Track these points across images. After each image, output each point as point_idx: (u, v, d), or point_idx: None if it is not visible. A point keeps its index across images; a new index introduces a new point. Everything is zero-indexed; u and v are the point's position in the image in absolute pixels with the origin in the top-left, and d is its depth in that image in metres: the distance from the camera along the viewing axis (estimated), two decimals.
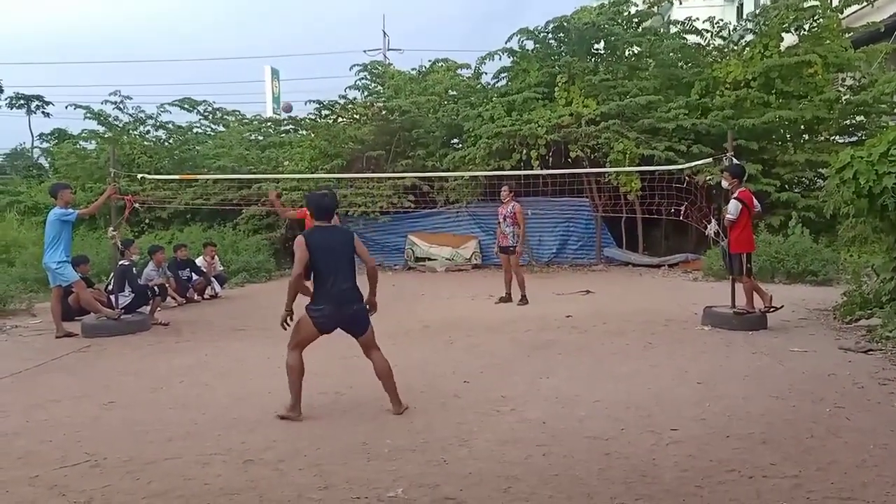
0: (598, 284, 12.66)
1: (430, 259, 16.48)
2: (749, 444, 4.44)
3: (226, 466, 4.28)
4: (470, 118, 16.61)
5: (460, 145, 17.50)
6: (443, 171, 16.24)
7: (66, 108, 19.93)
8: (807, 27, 16.21)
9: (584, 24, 16.33)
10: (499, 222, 11.02)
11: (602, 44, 17.61)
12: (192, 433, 4.91)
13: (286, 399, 5.30)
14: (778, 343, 7.43)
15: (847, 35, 16.80)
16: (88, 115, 19.65)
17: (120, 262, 9.66)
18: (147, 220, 17.71)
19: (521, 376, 6.32)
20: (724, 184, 8.62)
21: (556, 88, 16.30)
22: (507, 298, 10.86)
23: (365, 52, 34.25)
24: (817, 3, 16.16)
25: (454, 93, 18.72)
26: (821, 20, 16.12)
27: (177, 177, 16.52)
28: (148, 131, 20.54)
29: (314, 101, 18.75)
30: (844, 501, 3.61)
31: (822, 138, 16.18)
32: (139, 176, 14.67)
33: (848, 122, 16.43)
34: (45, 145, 24.20)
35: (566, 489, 3.85)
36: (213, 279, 12.56)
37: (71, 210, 8.84)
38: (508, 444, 4.55)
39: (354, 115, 18.68)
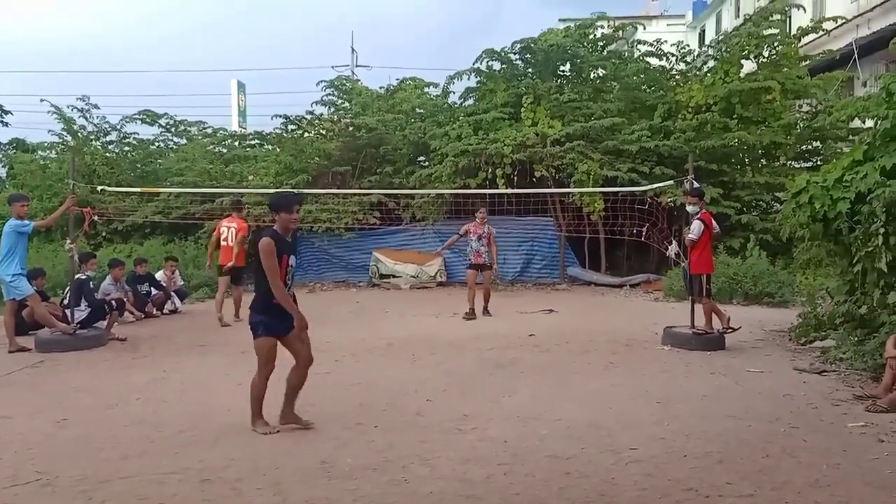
0: (562, 304, 12.75)
1: (394, 276, 16.44)
2: (706, 464, 4.50)
3: (182, 485, 4.20)
4: (437, 136, 16.69)
5: (427, 163, 17.57)
6: (409, 188, 16.27)
7: (41, 100, 19.37)
8: (766, 54, 16.68)
9: (549, 46, 16.57)
10: (467, 239, 11.49)
11: (567, 65, 17.89)
12: (148, 451, 4.81)
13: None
14: (735, 363, 7.57)
15: (804, 63, 17.32)
16: (57, 117, 19.24)
17: (76, 276, 9.46)
18: (105, 234, 17.36)
19: (483, 395, 6.33)
20: (690, 208, 8.73)
21: (523, 109, 16.48)
22: (472, 314, 11.06)
23: (333, 67, 34.18)
24: (776, 31, 16.67)
25: (421, 111, 18.81)
26: (779, 48, 16.62)
27: (138, 189, 16.27)
28: (111, 142, 20.21)
29: (280, 116, 18.71)
30: None
31: (780, 163, 16.60)
32: (100, 188, 14.41)
33: (804, 147, 16.92)
34: (0, 155, 23.61)
35: None
36: (172, 294, 12.36)
37: (27, 221, 8.66)
38: (470, 462, 4.55)
39: (321, 131, 18.65)
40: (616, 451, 4.75)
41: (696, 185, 9.03)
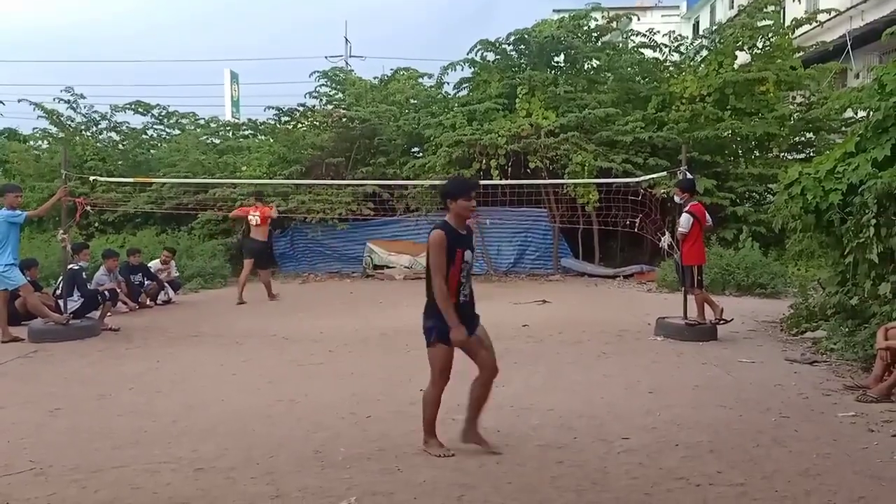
0: (555, 294, 12.78)
1: (388, 267, 16.43)
2: (697, 453, 4.53)
3: (175, 475, 4.21)
4: (431, 126, 16.66)
5: (421, 154, 17.53)
6: (403, 178, 16.24)
7: (19, 101, 19.25)
8: (760, 46, 16.69)
9: (544, 37, 16.53)
10: None
11: (562, 57, 17.85)
12: (141, 441, 4.82)
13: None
14: (727, 354, 7.61)
15: (798, 54, 17.33)
16: (41, 113, 19.15)
17: (69, 266, 9.44)
18: (97, 224, 17.28)
19: None
20: (677, 199, 8.85)
21: (518, 99, 16.45)
22: None
23: (327, 58, 33.98)
24: (770, 22, 16.66)
25: (415, 101, 18.76)
26: (773, 39, 16.62)
27: (130, 179, 16.19)
28: (101, 132, 20.09)
29: (273, 108, 18.65)
30: None
31: (773, 154, 16.63)
32: (91, 178, 14.35)
33: (797, 139, 16.94)
34: None
35: (519, 497, 3.88)
36: (167, 284, 12.35)
37: (20, 211, 8.62)
38: (463, 451, 4.57)
39: (315, 122, 18.59)
40: (608, 440, 4.78)
41: (689, 176, 9.05)
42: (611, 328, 9.18)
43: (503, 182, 15.10)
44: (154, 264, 12.51)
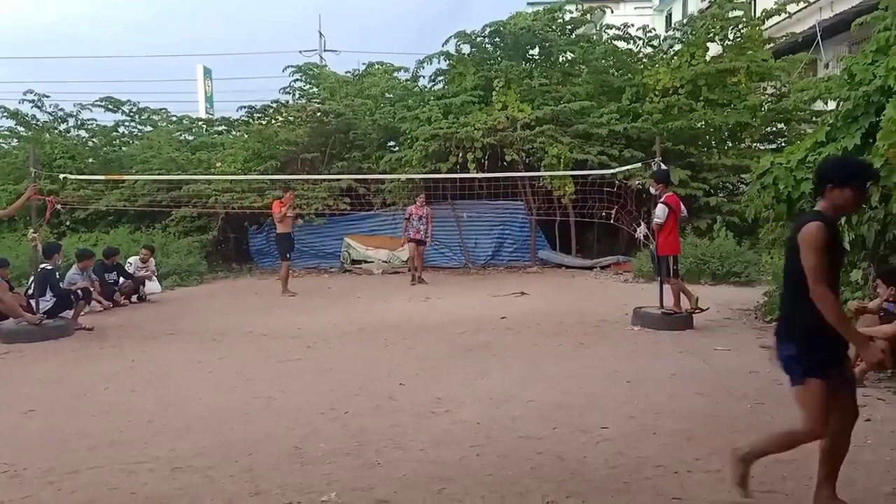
0: (533, 286, 12.83)
1: (366, 262, 16.40)
2: (675, 441, 4.58)
3: (153, 475, 4.16)
4: (407, 120, 16.62)
5: (397, 148, 17.48)
6: (379, 173, 16.20)
7: None
8: (731, 37, 16.83)
9: (519, 30, 16.55)
10: (410, 220, 13.91)
11: (537, 49, 17.89)
12: (117, 441, 4.76)
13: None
14: (703, 342, 7.69)
15: (768, 46, 17.51)
16: (4, 114, 18.84)
17: (41, 266, 9.28)
18: (68, 223, 17.03)
19: (456, 378, 6.35)
20: (653, 190, 8.94)
21: (494, 92, 16.46)
22: (415, 280, 13.67)
23: (300, 52, 33.80)
24: (741, 13, 16.82)
25: (391, 95, 18.70)
26: (744, 30, 16.78)
27: (102, 177, 15.95)
28: (69, 130, 19.79)
29: (246, 107, 18.53)
30: (764, 494, 3.76)
31: (745, 145, 16.83)
32: (61, 176, 14.13)
33: (769, 129, 17.14)
34: None
35: (499, 489, 3.89)
36: (146, 282, 12.30)
37: None
38: (443, 445, 4.57)
39: (289, 118, 18.46)
40: (587, 430, 4.81)
41: (663, 167, 9.12)
42: (589, 319, 9.23)
43: (480, 175, 15.13)
44: (134, 261, 12.41)
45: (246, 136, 18.64)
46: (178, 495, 3.87)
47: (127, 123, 21.28)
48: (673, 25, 22.86)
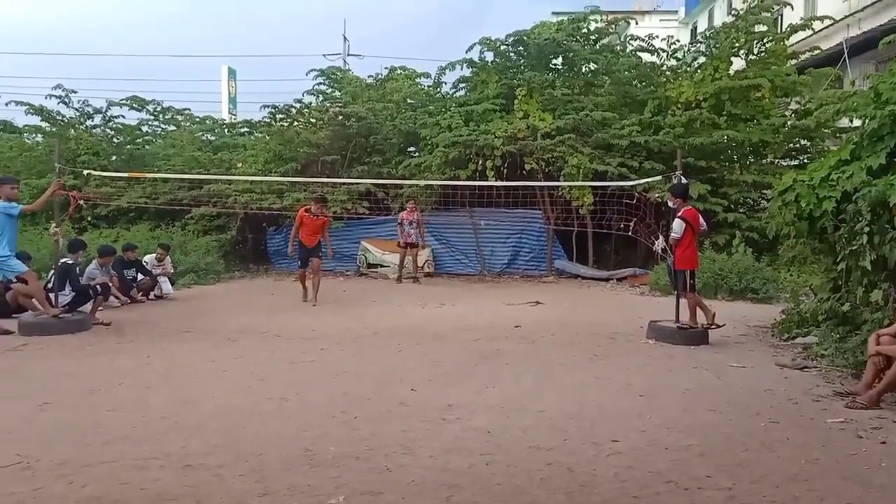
0: (548, 296, 12.79)
1: (382, 266, 16.42)
2: (686, 456, 4.53)
3: (164, 471, 4.19)
4: (427, 126, 16.66)
5: (417, 153, 17.54)
6: (398, 178, 16.24)
7: (7, 105, 19.39)
8: (755, 51, 16.71)
9: (543, 40, 16.56)
10: (402, 225, 14.94)
11: (560, 59, 17.88)
12: (130, 436, 4.79)
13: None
14: (718, 358, 7.62)
15: (793, 61, 17.37)
16: (30, 110, 19.11)
17: (62, 260, 9.40)
18: (90, 218, 17.23)
19: (468, 385, 6.34)
20: (671, 203, 8.88)
21: (516, 101, 16.45)
22: (400, 280, 14.90)
23: (325, 56, 34.02)
24: (765, 27, 16.70)
25: (412, 101, 18.76)
26: (769, 45, 16.65)
27: (125, 174, 16.15)
28: (96, 126, 20.03)
29: (268, 107, 18.65)
30: None
31: (768, 161, 16.66)
32: (85, 172, 14.31)
33: (792, 145, 16.97)
34: None
35: (508, 498, 3.87)
36: (161, 279, 12.37)
37: (15, 204, 8.58)
38: (452, 452, 4.56)
39: (311, 120, 18.58)
40: (598, 442, 4.78)
41: (683, 181, 9.07)
42: (603, 330, 9.19)
43: (498, 183, 15.14)
44: (150, 259, 12.51)
45: (267, 137, 18.78)
46: (187, 493, 3.89)
47: (151, 122, 21.53)
48: (697, 38, 22.74)
